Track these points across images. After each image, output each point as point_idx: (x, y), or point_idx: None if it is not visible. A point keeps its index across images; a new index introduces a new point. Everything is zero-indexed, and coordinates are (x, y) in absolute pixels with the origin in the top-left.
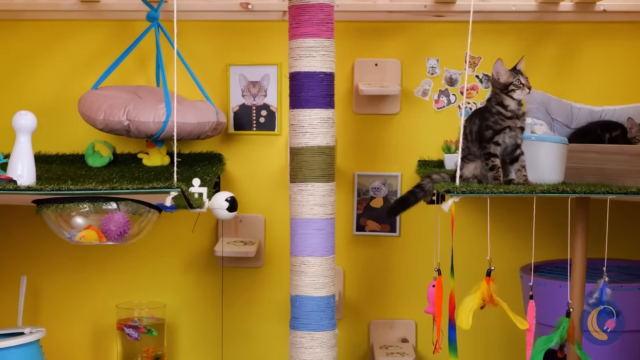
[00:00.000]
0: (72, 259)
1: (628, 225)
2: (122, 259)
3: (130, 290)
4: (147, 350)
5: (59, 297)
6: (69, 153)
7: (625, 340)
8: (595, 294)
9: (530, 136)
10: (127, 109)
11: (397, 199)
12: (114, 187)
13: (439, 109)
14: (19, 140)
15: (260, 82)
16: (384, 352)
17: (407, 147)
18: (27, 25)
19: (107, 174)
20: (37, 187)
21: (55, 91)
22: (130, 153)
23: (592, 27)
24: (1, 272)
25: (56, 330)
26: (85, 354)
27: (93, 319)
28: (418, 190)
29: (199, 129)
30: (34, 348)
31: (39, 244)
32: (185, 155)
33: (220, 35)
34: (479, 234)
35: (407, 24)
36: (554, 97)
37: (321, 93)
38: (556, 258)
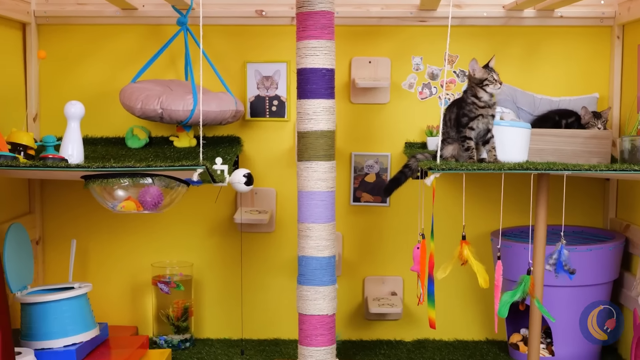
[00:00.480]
0: (114, 225)
1: (581, 197)
2: (156, 225)
3: (163, 251)
4: (177, 302)
5: (103, 258)
6: (112, 136)
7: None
8: (555, 255)
9: (500, 122)
10: (161, 99)
11: (390, 179)
12: (150, 164)
13: (423, 99)
14: (69, 125)
15: (272, 77)
16: (376, 303)
17: (396, 131)
18: (77, 29)
19: (144, 154)
20: (85, 165)
21: (100, 84)
22: (163, 136)
23: (551, 31)
24: (55, 236)
25: (101, 285)
26: (125, 305)
27: (132, 275)
28: (407, 170)
29: (221, 116)
30: (83, 300)
31: (87, 213)
32: (209, 138)
33: (239, 37)
34: (456, 205)
35: (395, 28)
36: (519, 89)
37: (323, 86)
38: (521, 224)
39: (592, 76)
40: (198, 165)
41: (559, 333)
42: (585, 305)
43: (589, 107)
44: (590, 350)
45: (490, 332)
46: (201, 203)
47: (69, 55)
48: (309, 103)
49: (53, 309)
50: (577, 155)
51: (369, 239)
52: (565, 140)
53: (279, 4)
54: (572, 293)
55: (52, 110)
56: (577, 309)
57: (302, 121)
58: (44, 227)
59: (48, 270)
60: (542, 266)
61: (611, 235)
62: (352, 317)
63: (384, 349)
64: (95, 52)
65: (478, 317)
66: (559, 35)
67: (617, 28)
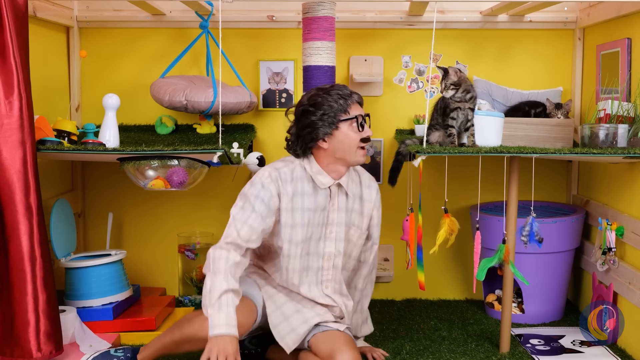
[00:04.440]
0: (145, 201)
1: (547, 176)
2: (182, 201)
3: (187, 223)
4: (200, 266)
5: (135, 228)
6: (143, 124)
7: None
8: (527, 227)
9: (477, 112)
10: (185, 92)
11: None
12: (176, 148)
13: (411, 92)
14: (107, 114)
15: (282, 73)
16: None
17: (388, 120)
18: (113, 32)
19: (171, 139)
20: (120, 149)
21: (133, 79)
22: (187, 124)
23: (521, 33)
24: (94, 210)
25: (134, 252)
26: (155, 270)
27: (160, 244)
28: (400, 157)
29: (237, 106)
30: (118, 265)
31: (122, 190)
32: (227, 125)
33: (253, 39)
34: (440, 183)
35: (387, 31)
36: (494, 83)
37: (326, 81)
38: (496, 200)
39: (557, 72)
40: (217, 149)
41: (528, 293)
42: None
43: (554, 99)
44: (555, 309)
45: (469, 292)
46: (220, 181)
47: (106, 54)
48: None
49: (93, 272)
50: (544, 141)
51: None
52: (533, 128)
53: (287, 10)
54: (540, 259)
55: (92, 101)
56: (544, 273)
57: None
58: (85, 202)
59: (88, 239)
60: (515, 236)
61: (573, 210)
62: None
63: (378, 307)
64: (129, 52)
65: (459, 279)
66: (529, 37)
67: (579, 31)
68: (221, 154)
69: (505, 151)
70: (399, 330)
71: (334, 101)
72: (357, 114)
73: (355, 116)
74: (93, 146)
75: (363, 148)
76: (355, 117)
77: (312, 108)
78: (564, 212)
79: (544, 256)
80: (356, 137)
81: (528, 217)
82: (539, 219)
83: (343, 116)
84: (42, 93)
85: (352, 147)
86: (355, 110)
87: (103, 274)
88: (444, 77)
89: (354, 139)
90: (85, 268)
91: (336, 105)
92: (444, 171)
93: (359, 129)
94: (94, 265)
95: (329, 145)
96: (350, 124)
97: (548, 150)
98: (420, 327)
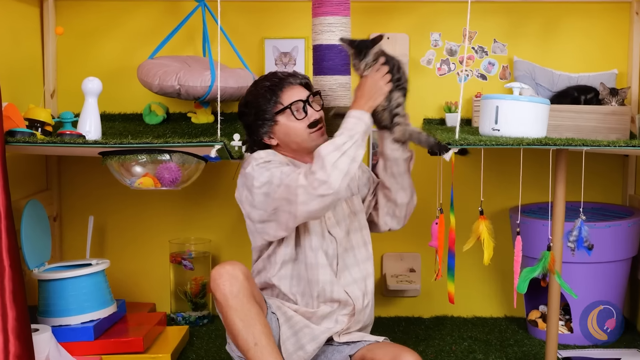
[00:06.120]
0: (132, 202)
1: (600, 173)
2: (174, 202)
3: (180, 228)
4: (195, 278)
5: (120, 234)
6: (129, 112)
7: (597, 269)
8: (575, 232)
9: (519, 98)
10: (178, 75)
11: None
12: (167, 141)
13: (441, 75)
14: (87, 101)
15: (290, 53)
16: (395, 280)
17: (414, 108)
18: (94, 5)
19: (161, 130)
20: (103, 141)
21: (118, 60)
22: (180, 112)
23: (570, 7)
24: (72, 213)
25: (118, 262)
26: (142, 282)
27: (149, 252)
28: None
29: (239, 92)
30: (100, 277)
31: (104, 189)
32: (227, 114)
33: (257, 14)
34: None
35: (414, 4)
36: (538, 65)
37: (340, 62)
38: (540, 201)
39: (611, 52)
40: (216, 142)
41: (577, 310)
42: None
43: (608, 83)
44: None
45: (508, 308)
46: (219, 179)
47: (86, 31)
48: (325, 79)
49: (70, 285)
50: (596, 132)
51: None
52: (584, 117)
53: None
54: (591, 270)
55: (70, 86)
56: (596, 286)
57: None
58: (61, 204)
59: (65, 247)
60: (561, 242)
61: (630, 212)
62: None
63: (402, 325)
64: (113, 28)
65: (497, 293)
66: (578, 11)
67: (637, 4)
68: (220, 147)
69: (550, 143)
70: (427, 352)
71: (262, 96)
72: (294, 99)
73: (289, 105)
74: (71, 138)
75: (319, 130)
76: (288, 106)
77: (245, 109)
78: (619, 215)
79: (594, 266)
80: (300, 126)
81: (576, 220)
82: (589, 223)
83: (277, 108)
84: (11, 77)
85: (302, 136)
86: (291, 95)
87: (82, 287)
88: None
89: (299, 128)
90: (62, 280)
91: (264, 99)
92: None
93: (296, 117)
94: (72, 276)
95: (279, 141)
96: (290, 114)
97: (601, 143)
98: (451, 349)
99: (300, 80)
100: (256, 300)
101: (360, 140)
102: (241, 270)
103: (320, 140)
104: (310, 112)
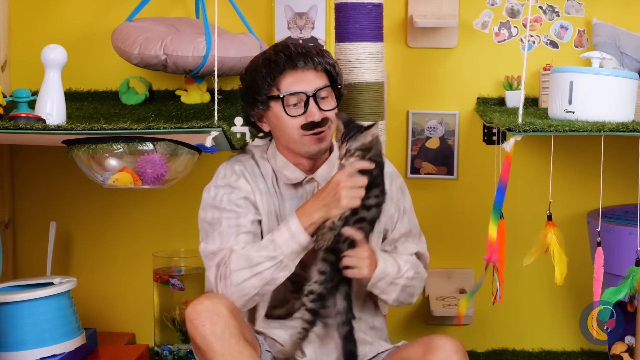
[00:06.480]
0: (105, 204)
1: None
2: (159, 204)
3: (167, 238)
4: (186, 302)
5: (90, 245)
6: (102, 90)
7: None
8: None
9: (599, 71)
10: (165, 43)
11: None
12: (150, 126)
13: (500, 42)
14: (48, 76)
15: (308, 14)
16: (440, 304)
17: (466, 84)
18: None
19: (143, 112)
20: (68, 127)
21: (87, 24)
22: (167, 90)
23: None
24: (30, 218)
25: (88, 281)
26: (119, 306)
27: (127, 268)
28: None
29: (242, 63)
30: (64, 299)
31: (70, 187)
32: (227, 92)
33: None
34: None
35: None
36: (624, 30)
37: (369, 25)
38: (625, 202)
39: None
40: (212, 127)
41: None
42: None
43: None
44: None
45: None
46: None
47: None
48: (350, 47)
49: (26, 310)
50: None
51: (431, 221)
52: None
53: None
54: None
55: (26, 57)
56: None
57: (343, 70)
58: (15, 207)
59: (20, 261)
60: None
61: None
62: (409, 320)
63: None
64: None
65: (571, 321)
66: None
67: None
68: (218, 134)
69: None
70: None
71: (259, 70)
72: (293, 90)
73: (282, 96)
74: (27, 122)
75: (315, 134)
76: (282, 96)
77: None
78: None
79: None
80: (292, 123)
81: None
82: None
83: (271, 92)
84: None
85: (292, 136)
86: (293, 82)
87: (42, 312)
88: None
89: (290, 126)
90: (15, 304)
91: (260, 76)
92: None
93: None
94: (28, 299)
95: (271, 129)
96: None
97: None
98: None
99: (316, 64)
100: (246, 339)
101: (287, 261)
102: (224, 304)
103: (313, 147)
104: (312, 110)
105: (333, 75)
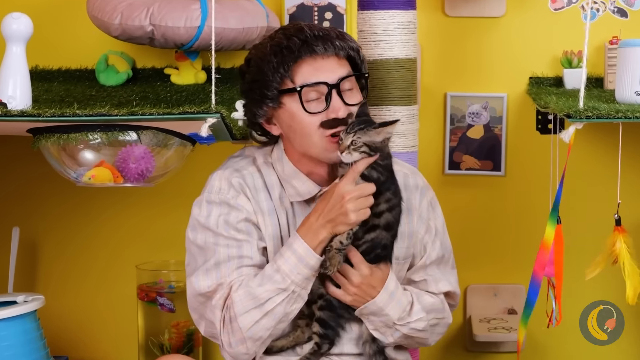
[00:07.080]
0: (79, 206)
1: None
2: (145, 207)
3: (154, 247)
4: (177, 324)
5: (61, 256)
6: (75, 68)
7: None
8: None
9: None
10: (151, 11)
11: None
12: (134, 111)
13: (557, 10)
14: (10, 51)
15: None
16: (485, 327)
17: (515, 60)
18: None
19: (125, 94)
20: (34, 112)
21: None
22: (154, 68)
23: None
24: None
25: (58, 299)
26: (96, 329)
27: (106, 283)
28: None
29: (244, 36)
30: (30, 321)
31: (36, 186)
32: (226, 70)
33: None
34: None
35: None
36: None
37: None
38: None
39: None
40: (209, 113)
41: None
42: None
43: None
44: None
45: None
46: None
47: None
48: (376, 16)
49: None
50: None
51: (474, 227)
52: None
53: None
54: None
55: None
56: None
57: (367, 44)
58: None
59: None
60: None
61: None
62: (448, 345)
63: None
64: None
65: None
66: None
67: None
68: (215, 121)
69: None
70: None
71: (268, 58)
72: (311, 81)
73: (299, 88)
74: None
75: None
76: (299, 89)
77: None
78: None
79: None
80: (310, 121)
81: None
82: None
83: (284, 85)
84: None
85: (310, 138)
86: (311, 72)
87: (3, 337)
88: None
89: (308, 125)
90: None
91: (269, 66)
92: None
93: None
94: None
95: (282, 131)
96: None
97: None
98: None
99: (338, 49)
100: None
101: (299, 290)
102: None
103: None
104: (336, 105)
105: (357, 63)
